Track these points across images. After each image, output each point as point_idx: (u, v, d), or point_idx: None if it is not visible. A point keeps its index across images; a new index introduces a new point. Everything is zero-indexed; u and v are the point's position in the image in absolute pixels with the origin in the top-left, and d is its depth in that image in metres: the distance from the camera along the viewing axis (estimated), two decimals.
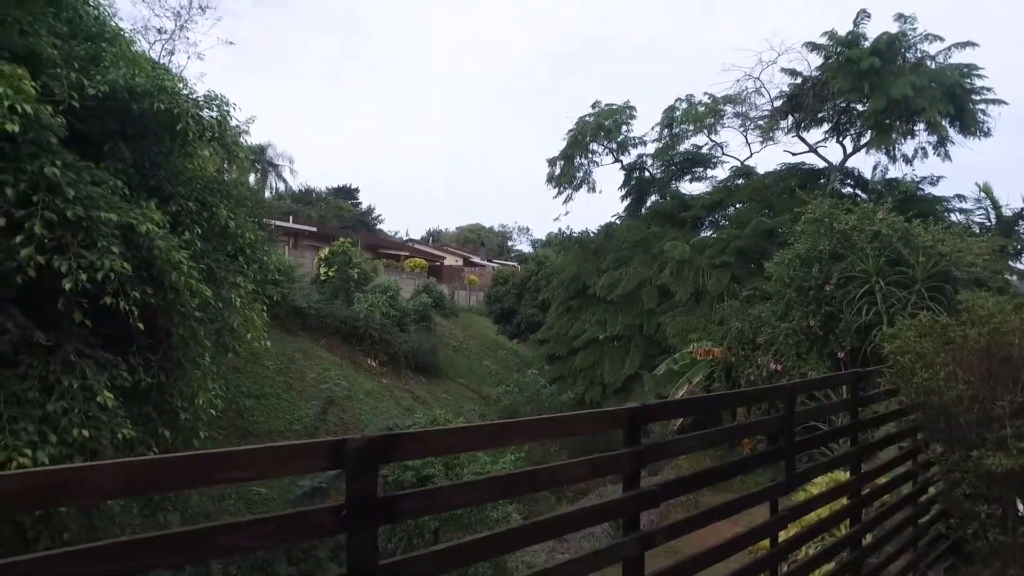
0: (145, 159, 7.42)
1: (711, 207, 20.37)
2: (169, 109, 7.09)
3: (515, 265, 47.58)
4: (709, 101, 20.16)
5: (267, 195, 42.73)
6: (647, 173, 22.82)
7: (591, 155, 22.16)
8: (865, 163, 38.79)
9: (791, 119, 19.00)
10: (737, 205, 19.86)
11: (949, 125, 16.14)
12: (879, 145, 16.86)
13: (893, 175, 17.79)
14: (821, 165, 18.98)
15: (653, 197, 23.01)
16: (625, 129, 21.62)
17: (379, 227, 58.45)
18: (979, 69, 16.05)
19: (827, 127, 18.79)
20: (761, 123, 19.65)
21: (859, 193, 17.73)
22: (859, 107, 17.30)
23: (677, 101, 21.06)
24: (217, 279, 7.69)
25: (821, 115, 18.44)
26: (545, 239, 57.30)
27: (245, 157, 9.20)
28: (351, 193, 57.87)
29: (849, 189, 18.21)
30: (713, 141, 21.29)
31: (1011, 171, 38.49)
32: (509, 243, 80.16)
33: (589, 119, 21.60)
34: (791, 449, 3.71)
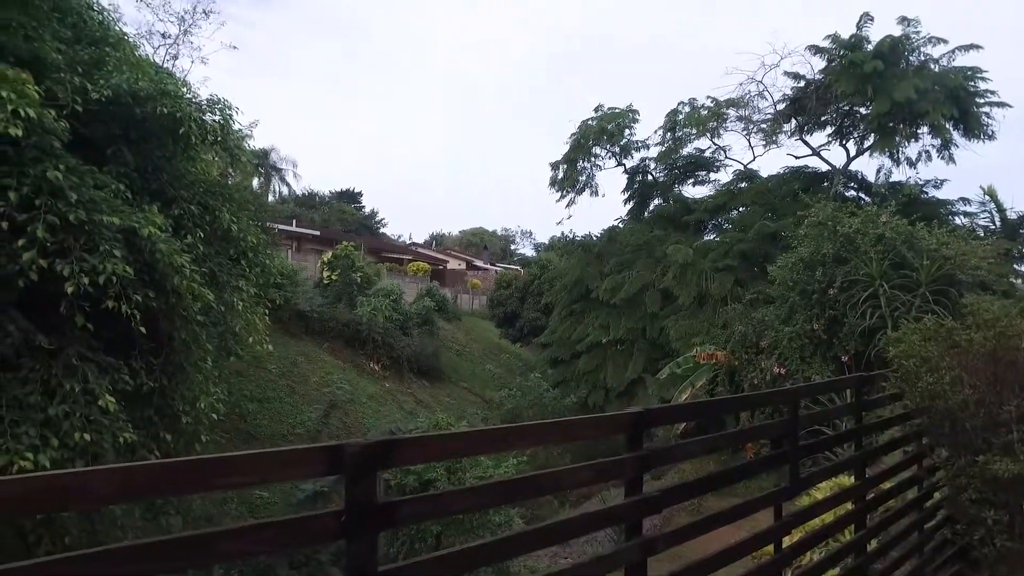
0: (148, 163, 7.43)
1: (714, 211, 20.35)
2: (172, 113, 7.10)
3: (518, 269, 47.52)
4: (712, 104, 20.15)
5: (271, 199, 42.85)
6: (650, 176, 22.79)
7: (594, 159, 22.13)
8: (869, 166, 38.63)
9: (794, 122, 18.95)
10: (740, 209, 19.84)
11: (953, 128, 16.08)
12: (882, 148, 16.79)
13: (897, 178, 17.78)
14: (824, 168, 18.95)
15: (656, 201, 22.97)
16: (628, 132, 21.58)
17: (382, 231, 58.53)
18: (983, 72, 16.02)
19: (830, 130, 18.75)
20: (764, 126, 19.61)
21: (863, 196, 17.70)
22: (862, 110, 17.27)
23: (680, 104, 21.06)
24: (219, 283, 7.69)
25: (824, 118, 18.39)
26: (548, 243, 57.48)
27: (247, 161, 9.21)
28: (354, 197, 57.98)
29: (852, 192, 18.18)
30: (716, 144, 21.28)
31: (1016, 174, 38.36)
32: (512, 247, 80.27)
33: (592, 122, 21.58)
34: (795, 454, 3.69)
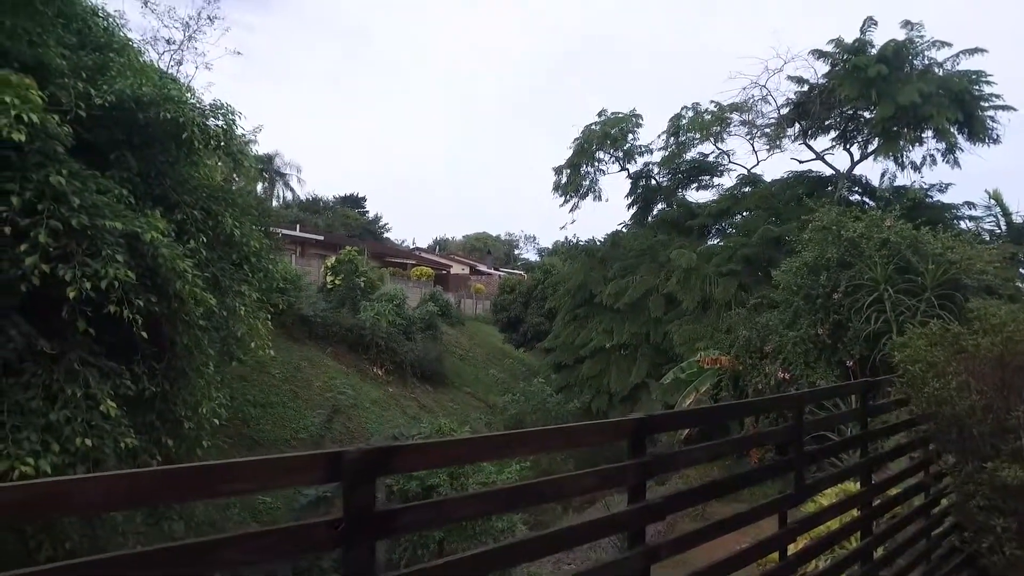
0: (151, 168, 7.45)
1: (718, 215, 20.29)
2: (175, 118, 7.11)
3: (521, 273, 47.55)
4: (715, 109, 20.10)
5: (274, 204, 43.01)
6: (653, 181, 22.75)
7: (597, 163, 22.08)
8: (873, 170, 38.36)
9: (798, 127, 18.91)
10: (744, 213, 19.78)
11: (958, 132, 16.00)
12: (887, 152, 16.74)
13: (901, 182, 17.68)
14: (828, 173, 18.90)
15: (660, 205, 22.93)
16: (631, 137, 21.53)
17: (386, 235, 58.62)
18: (988, 75, 15.94)
19: (834, 134, 18.69)
20: (768, 131, 19.57)
21: (867, 200, 17.62)
22: (866, 114, 17.21)
23: (683, 109, 21.03)
24: (222, 288, 7.68)
25: (828, 122, 18.33)
26: (552, 247, 57.45)
27: (250, 166, 9.22)
28: (358, 202, 58.13)
29: (857, 196, 18.09)
30: (719, 149, 21.20)
31: (1021, 177, 37.99)
32: (516, 251, 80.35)
33: (595, 127, 21.56)
34: (800, 460, 3.65)
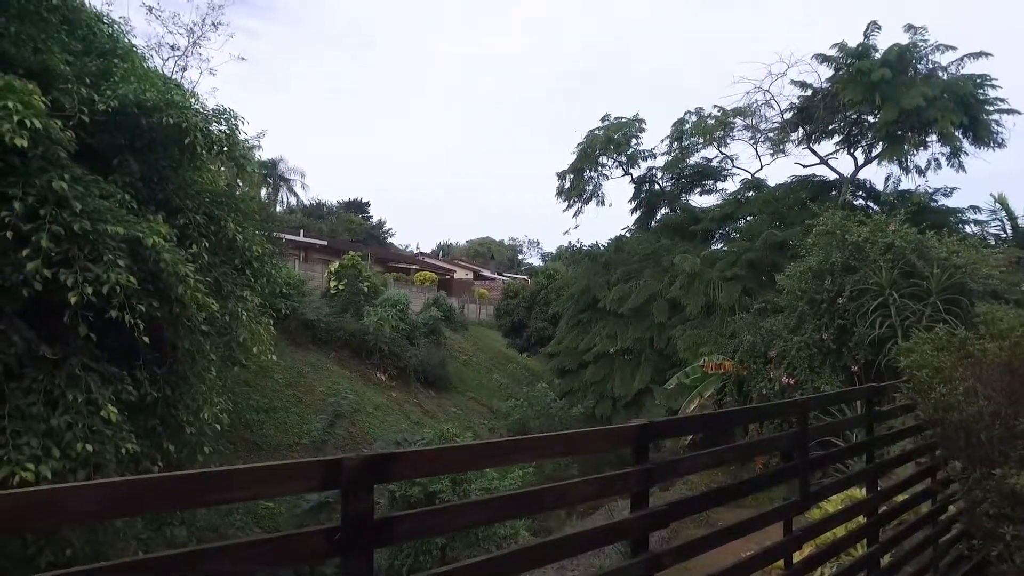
0: (153, 173, 7.45)
1: (722, 220, 20.23)
2: (178, 123, 7.12)
3: (525, 278, 47.53)
4: (719, 114, 20.07)
5: (278, 209, 43.13)
6: (657, 186, 22.72)
7: (600, 168, 22.05)
8: (877, 175, 38.43)
9: (802, 131, 18.84)
10: (748, 218, 19.71)
11: (962, 136, 15.91)
12: (891, 156, 16.67)
13: (906, 186, 17.57)
14: (832, 177, 18.82)
15: (663, 210, 22.87)
16: (635, 142, 21.51)
17: (389, 241, 58.73)
18: (993, 79, 15.85)
19: (838, 139, 18.61)
20: (771, 135, 19.50)
21: (871, 205, 17.54)
22: (870, 118, 17.13)
23: (686, 114, 21.00)
24: (224, 292, 7.68)
25: (832, 127, 18.27)
26: (555, 252, 57.30)
27: (253, 171, 9.22)
28: (362, 207, 58.28)
29: (861, 201, 18.00)
30: (723, 154, 21.16)
31: None
32: (519, 256, 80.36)
33: (598, 132, 21.55)
34: (805, 466, 3.61)
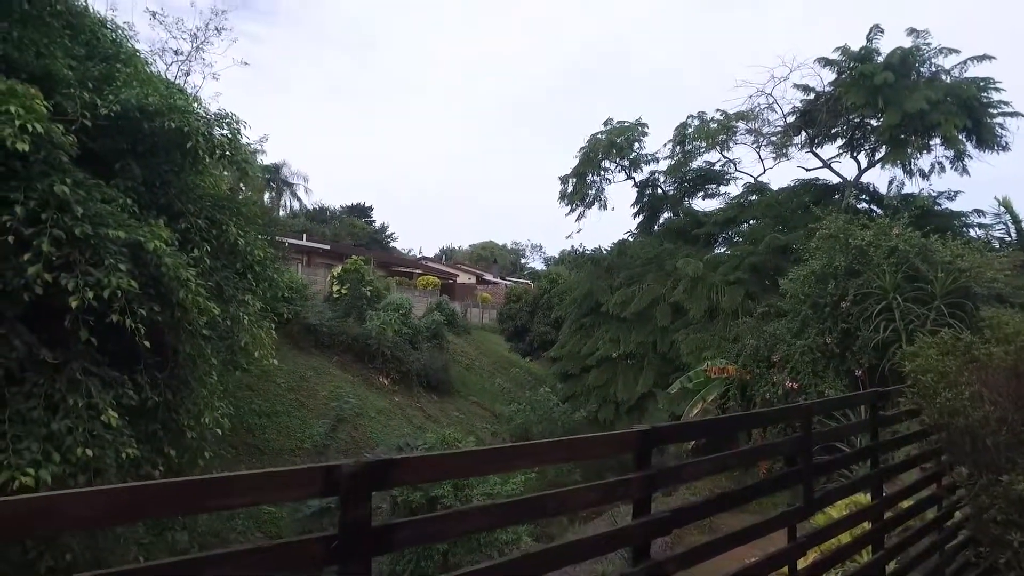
0: (155, 177, 7.45)
1: (724, 224, 20.18)
2: (180, 127, 7.12)
3: (528, 283, 47.48)
4: (721, 118, 20.05)
5: (282, 213, 43.21)
6: (660, 190, 22.69)
7: (603, 172, 22.02)
8: (880, 178, 38.37)
9: (804, 135, 18.80)
10: (751, 221, 19.66)
11: (966, 139, 15.85)
12: (894, 160, 16.60)
13: (909, 190, 17.50)
14: (835, 181, 18.76)
15: (666, 214, 22.84)
16: (637, 146, 21.48)
17: (392, 245, 58.79)
18: (996, 82, 15.79)
19: (841, 142, 18.56)
20: (774, 139, 19.47)
21: (874, 208, 17.48)
22: (873, 122, 17.09)
23: (689, 118, 21.00)
24: (226, 297, 7.66)
25: (835, 130, 18.21)
26: (558, 256, 57.48)
27: (255, 175, 9.23)
28: (365, 211, 58.36)
29: (864, 205, 17.95)
30: (726, 158, 21.14)
31: None
32: (522, 260, 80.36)
33: (601, 136, 21.53)
34: (809, 472, 3.57)
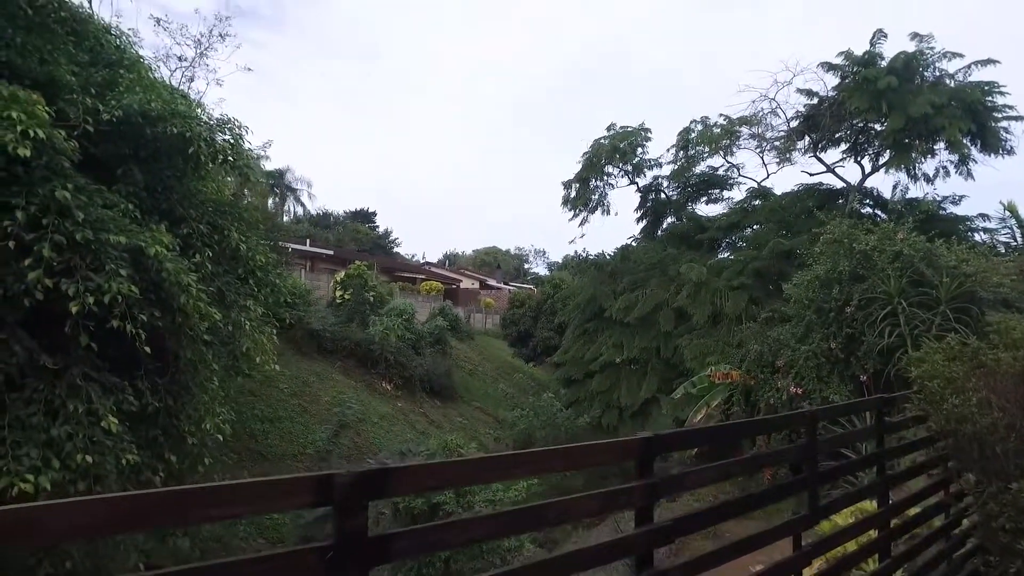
0: (157, 182, 7.46)
1: (728, 229, 20.14)
2: (182, 133, 7.11)
3: (531, 288, 47.50)
4: (725, 122, 20.02)
5: (285, 219, 43.29)
6: (663, 195, 22.67)
7: (606, 177, 21.99)
8: (884, 183, 38.23)
9: (808, 139, 18.76)
10: (754, 226, 19.61)
11: (970, 143, 15.79)
12: (898, 164, 16.54)
13: (913, 194, 17.41)
14: (839, 185, 18.71)
15: (669, 219, 22.81)
16: (640, 151, 21.44)
17: (396, 250, 58.87)
18: (1001, 86, 15.74)
19: (845, 147, 18.52)
20: (778, 144, 19.42)
21: (879, 213, 17.42)
22: (877, 126, 17.04)
23: (692, 123, 20.97)
24: (227, 302, 7.64)
25: (838, 135, 18.17)
26: (561, 261, 57.45)
27: (257, 180, 9.22)
28: (368, 217, 58.49)
29: (868, 209, 17.89)
30: (729, 163, 21.08)
31: None
32: (525, 266, 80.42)
33: (604, 141, 21.51)
34: (814, 479, 3.52)
